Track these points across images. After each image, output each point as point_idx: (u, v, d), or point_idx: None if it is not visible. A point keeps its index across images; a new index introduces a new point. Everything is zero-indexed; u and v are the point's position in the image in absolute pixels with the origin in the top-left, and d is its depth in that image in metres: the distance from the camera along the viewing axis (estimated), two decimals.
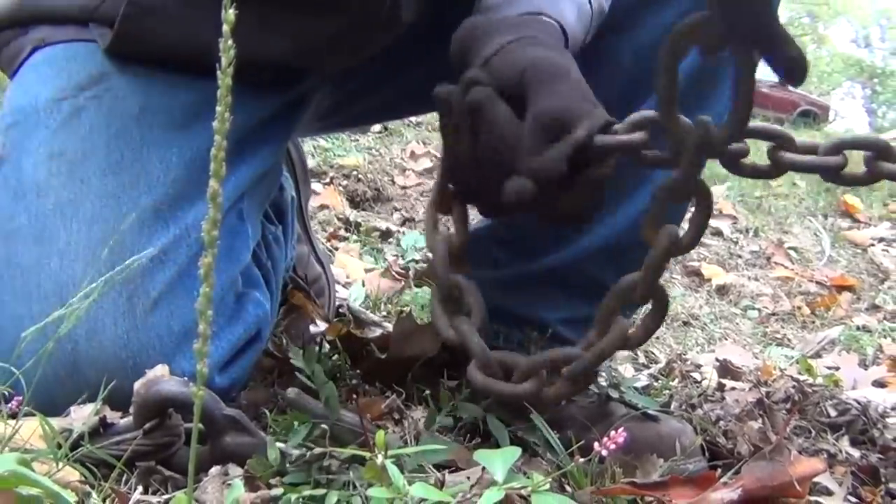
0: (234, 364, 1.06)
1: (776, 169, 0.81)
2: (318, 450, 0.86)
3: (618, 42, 1.17)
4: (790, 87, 17.18)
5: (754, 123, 0.80)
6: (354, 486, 0.83)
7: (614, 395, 1.19)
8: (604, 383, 1.23)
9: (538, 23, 0.96)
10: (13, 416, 0.82)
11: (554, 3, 1.00)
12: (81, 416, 0.86)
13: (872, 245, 3.62)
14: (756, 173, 0.83)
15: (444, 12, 1.14)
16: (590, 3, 1.05)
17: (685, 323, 2.37)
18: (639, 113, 0.84)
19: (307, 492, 0.78)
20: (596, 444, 0.78)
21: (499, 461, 0.75)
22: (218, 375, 1.01)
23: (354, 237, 2.55)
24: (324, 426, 0.94)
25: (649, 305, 0.87)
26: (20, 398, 0.83)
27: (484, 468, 0.79)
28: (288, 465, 0.86)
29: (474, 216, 1.04)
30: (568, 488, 0.95)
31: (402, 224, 2.85)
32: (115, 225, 0.86)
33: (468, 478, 0.85)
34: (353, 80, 1.29)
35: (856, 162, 0.82)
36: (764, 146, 0.84)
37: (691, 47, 0.75)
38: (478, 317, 0.89)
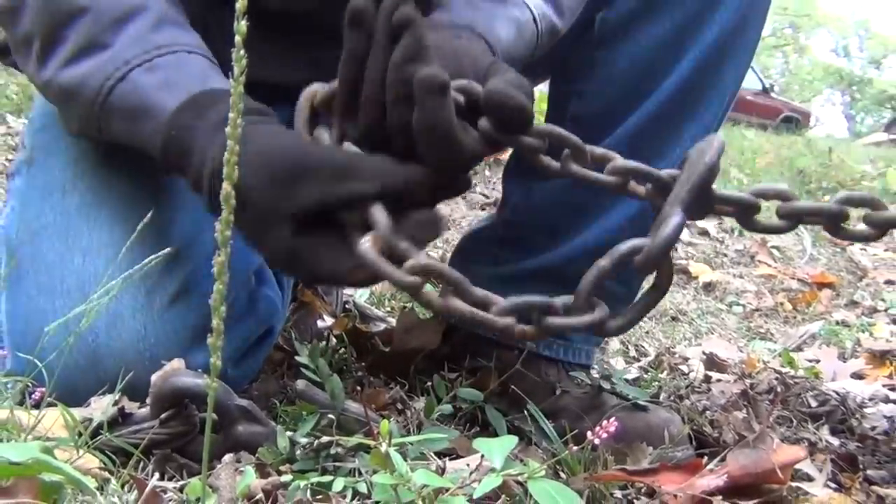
0: (247, 358, 1.06)
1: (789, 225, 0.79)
2: (325, 438, 0.86)
3: (613, 52, 1.17)
4: (773, 95, 17.21)
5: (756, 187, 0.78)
6: (360, 473, 0.83)
7: (606, 386, 1.19)
8: (596, 375, 1.23)
9: (467, 35, 0.93)
10: (36, 406, 0.82)
11: (488, 19, 0.97)
12: (101, 406, 0.86)
13: (851, 245, 3.62)
14: (768, 230, 0.81)
15: None
16: (535, 21, 1.02)
17: (673, 318, 2.36)
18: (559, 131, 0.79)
19: (315, 478, 0.78)
20: (589, 433, 0.78)
21: (497, 449, 0.75)
22: (231, 368, 1.01)
23: None
24: (331, 416, 0.94)
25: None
26: (43, 389, 0.83)
27: (483, 456, 0.79)
28: (297, 453, 0.86)
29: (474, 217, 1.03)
30: (562, 475, 0.95)
31: None
32: (136, 225, 0.87)
33: (468, 465, 0.85)
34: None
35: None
36: None
37: None
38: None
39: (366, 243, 0.72)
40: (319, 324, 1.42)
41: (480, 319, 0.72)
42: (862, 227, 0.72)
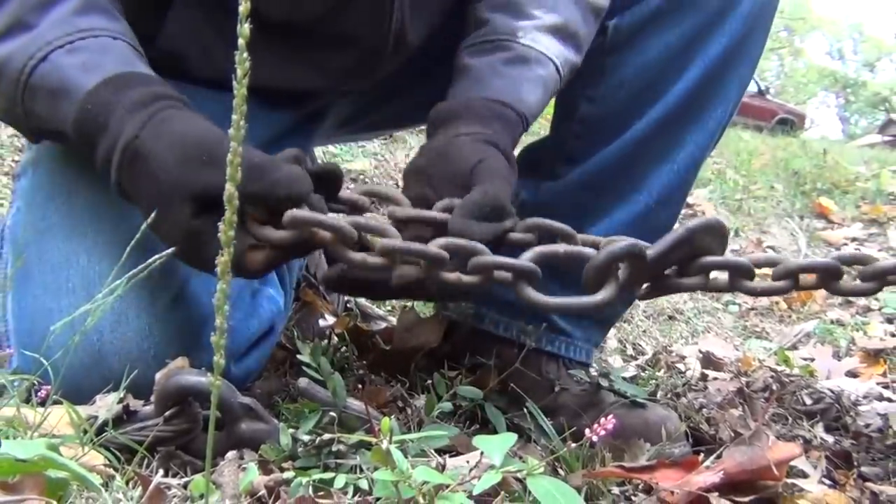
0: (250, 356, 1.06)
1: (736, 290, 0.84)
2: (327, 436, 0.86)
3: (623, 59, 1.18)
4: (769, 97, 17.20)
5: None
6: (361, 470, 0.83)
7: (604, 384, 1.19)
8: (595, 373, 1.23)
9: (499, 117, 0.99)
10: (42, 403, 0.82)
11: (514, 86, 1.02)
12: (106, 403, 0.86)
13: (846, 244, 3.61)
14: (718, 290, 0.86)
15: (453, 31, 1.14)
16: (558, 70, 1.07)
17: (670, 317, 2.36)
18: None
19: (317, 475, 0.78)
20: (587, 431, 0.78)
21: (496, 446, 0.75)
22: (234, 366, 1.01)
23: None
24: (332, 414, 0.94)
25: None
26: (49, 387, 0.83)
27: (482, 453, 0.79)
28: (299, 450, 0.86)
29: None
30: (561, 471, 0.95)
31: None
32: (140, 225, 0.86)
33: (468, 462, 0.85)
34: (369, 94, 1.29)
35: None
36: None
37: None
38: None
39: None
40: (321, 323, 1.42)
41: (358, 263, 0.79)
42: None
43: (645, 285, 0.85)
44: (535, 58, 1.05)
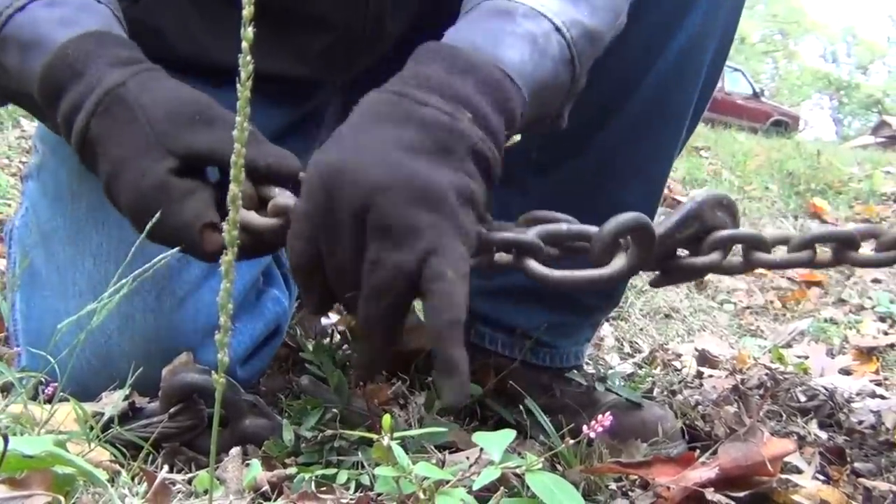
0: (255, 358, 1.05)
1: (750, 267, 0.79)
2: (329, 432, 0.86)
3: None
4: (763, 99, 17.19)
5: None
6: (363, 466, 0.83)
7: (601, 384, 1.19)
8: (591, 371, 1.23)
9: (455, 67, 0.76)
10: (49, 400, 0.82)
11: (491, 40, 0.79)
12: (112, 400, 0.86)
13: None
14: (733, 272, 0.81)
15: (440, 23, 1.11)
16: (560, 30, 0.83)
17: (666, 315, 2.36)
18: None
19: (320, 471, 0.78)
20: (585, 428, 0.78)
21: (495, 443, 0.75)
22: (239, 368, 1.01)
23: None
24: (335, 410, 0.94)
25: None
26: (55, 385, 0.83)
27: (482, 449, 0.79)
28: (302, 446, 0.86)
29: None
30: (559, 467, 0.95)
31: None
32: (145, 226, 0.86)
33: (467, 458, 0.85)
34: (362, 91, 1.27)
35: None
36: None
37: None
38: None
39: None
40: (323, 321, 1.42)
41: None
42: None
43: (656, 272, 0.79)
44: (523, 12, 0.83)
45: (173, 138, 0.72)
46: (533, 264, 0.73)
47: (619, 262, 0.74)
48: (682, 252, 0.79)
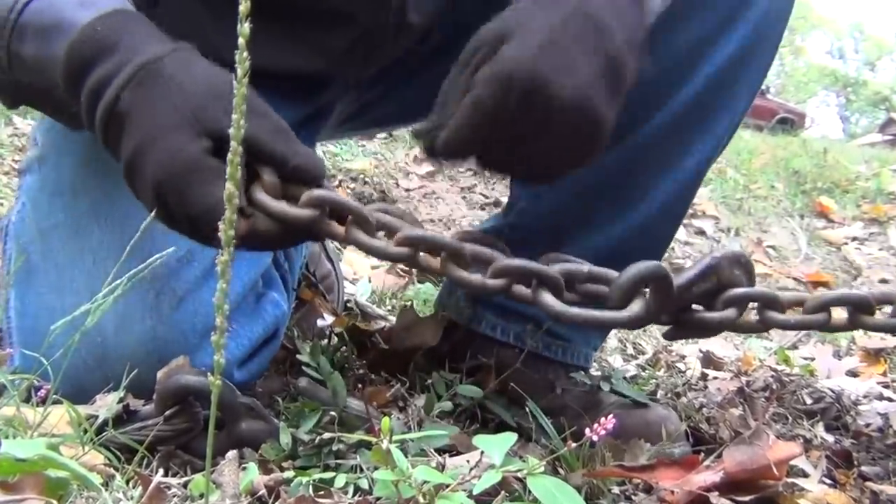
0: (252, 361, 1.05)
1: (766, 327, 0.80)
2: (327, 435, 0.86)
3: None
4: (769, 96, 17.18)
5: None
6: (361, 469, 0.83)
7: (605, 385, 1.19)
8: (596, 373, 1.23)
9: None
10: (42, 402, 0.82)
11: None
12: (106, 403, 0.86)
13: (846, 243, 3.61)
14: (750, 331, 0.82)
15: (459, 17, 1.11)
16: None
17: None
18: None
19: (317, 475, 0.78)
20: (587, 430, 0.78)
21: (496, 446, 0.75)
22: (237, 371, 1.01)
23: None
24: (332, 413, 0.94)
25: None
26: (48, 387, 0.83)
27: (482, 452, 0.79)
28: (299, 449, 0.86)
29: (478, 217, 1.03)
30: (561, 471, 0.95)
31: None
32: (145, 226, 0.86)
33: (468, 461, 0.85)
34: (374, 87, 1.27)
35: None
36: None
37: None
38: None
39: (259, 190, 0.73)
40: (320, 322, 1.42)
41: (377, 250, 0.75)
42: None
43: (670, 324, 0.82)
44: None
45: (213, 119, 0.72)
46: (550, 298, 0.76)
47: (636, 307, 0.76)
48: (696, 307, 0.81)
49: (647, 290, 0.77)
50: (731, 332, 0.81)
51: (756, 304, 0.79)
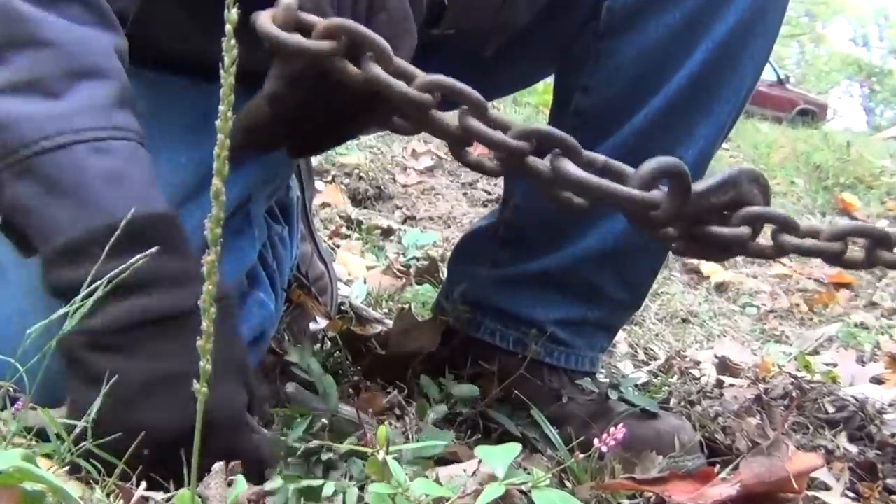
0: None
1: (779, 252, 0.80)
2: (315, 443, 0.86)
3: (619, 43, 1.15)
4: (788, 87, 17.21)
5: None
6: (352, 478, 0.83)
7: (613, 392, 1.19)
8: (604, 380, 1.23)
9: None
10: (15, 409, 0.82)
11: None
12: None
13: None
14: (760, 255, 0.82)
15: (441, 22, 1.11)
16: None
17: (684, 320, 2.36)
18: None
19: (305, 482, 0.78)
20: (596, 441, 0.78)
21: (500, 457, 0.75)
22: None
23: (356, 235, 2.54)
24: (324, 420, 0.94)
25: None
26: (25, 397, 0.83)
27: (480, 461, 0.79)
28: (288, 459, 0.86)
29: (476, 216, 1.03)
30: (568, 484, 0.95)
31: (404, 222, 2.85)
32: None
33: (466, 471, 0.85)
34: None
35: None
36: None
37: None
38: None
39: (262, 15, 0.73)
40: (312, 326, 1.42)
41: (397, 91, 0.73)
42: None
43: (682, 239, 0.81)
44: None
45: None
46: (570, 165, 0.75)
47: (656, 193, 0.76)
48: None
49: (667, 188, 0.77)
50: (742, 254, 0.81)
51: (772, 227, 0.79)
